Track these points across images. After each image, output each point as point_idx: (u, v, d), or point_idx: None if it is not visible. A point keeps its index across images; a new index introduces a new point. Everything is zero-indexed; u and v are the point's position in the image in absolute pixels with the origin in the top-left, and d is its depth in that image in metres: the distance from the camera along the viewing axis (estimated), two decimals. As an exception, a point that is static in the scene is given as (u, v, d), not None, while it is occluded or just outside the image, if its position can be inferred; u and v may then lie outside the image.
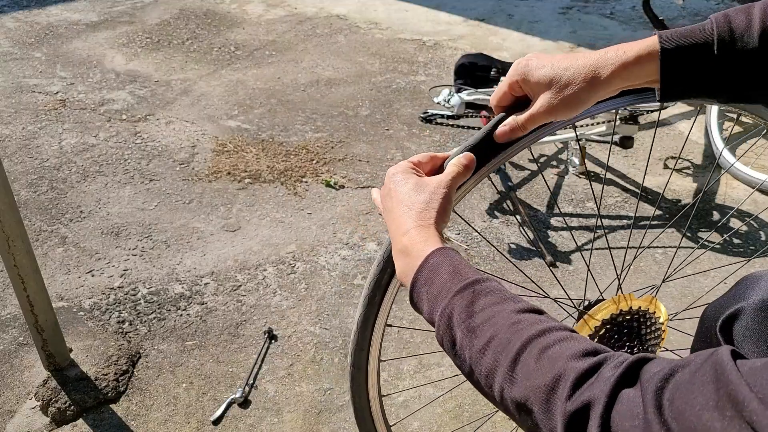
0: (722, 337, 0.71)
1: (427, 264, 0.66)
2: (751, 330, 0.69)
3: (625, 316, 0.91)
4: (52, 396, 1.50)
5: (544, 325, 0.56)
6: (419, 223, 0.69)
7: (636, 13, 3.95)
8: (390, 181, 0.75)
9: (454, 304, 0.61)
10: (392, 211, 0.72)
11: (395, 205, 0.72)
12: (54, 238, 2.03)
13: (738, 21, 0.65)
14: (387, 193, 0.75)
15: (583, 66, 0.69)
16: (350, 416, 1.48)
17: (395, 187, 0.74)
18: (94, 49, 3.34)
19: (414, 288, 0.67)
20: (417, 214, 0.70)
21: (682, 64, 0.66)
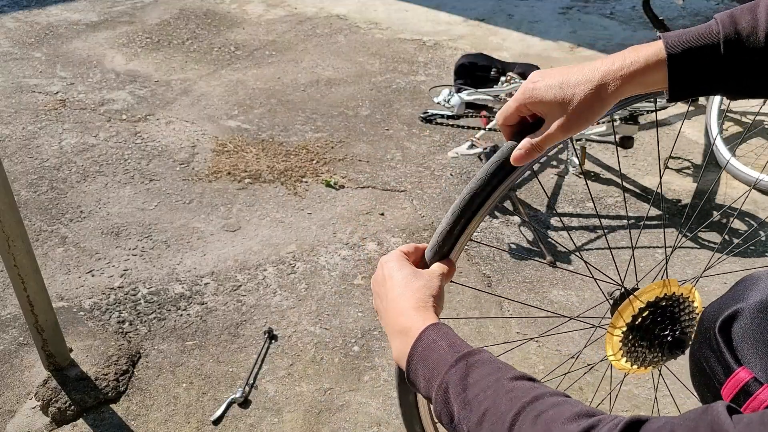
0: (721, 338, 0.71)
1: (421, 340, 0.67)
2: (749, 331, 0.69)
3: (668, 300, 0.93)
4: (52, 396, 1.50)
5: (537, 391, 0.56)
6: (418, 304, 0.71)
7: (636, 13, 3.95)
8: (385, 268, 0.78)
9: (449, 378, 0.62)
10: (387, 295, 0.75)
11: (391, 289, 0.75)
12: (54, 238, 2.03)
13: (744, 21, 0.65)
14: (382, 280, 0.77)
15: (592, 80, 0.68)
16: (350, 416, 1.48)
17: (391, 273, 0.76)
18: (94, 49, 3.34)
19: (410, 365, 0.67)
20: (414, 296, 0.73)
21: (689, 68, 0.66)
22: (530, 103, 0.72)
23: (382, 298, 0.76)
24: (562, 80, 0.70)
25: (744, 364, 0.68)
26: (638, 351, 0.93)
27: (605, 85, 0.68)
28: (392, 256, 0.79)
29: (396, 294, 0.74)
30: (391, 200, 2.23)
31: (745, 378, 0.67)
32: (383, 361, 1.62)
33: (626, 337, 0.92)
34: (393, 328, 0.72)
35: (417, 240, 2.03)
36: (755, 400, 0.65)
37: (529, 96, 0.71)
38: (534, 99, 0.71)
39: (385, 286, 0.76)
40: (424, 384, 0.65)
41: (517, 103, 0.73)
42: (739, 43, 0.65)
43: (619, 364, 0.94)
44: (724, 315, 0.71)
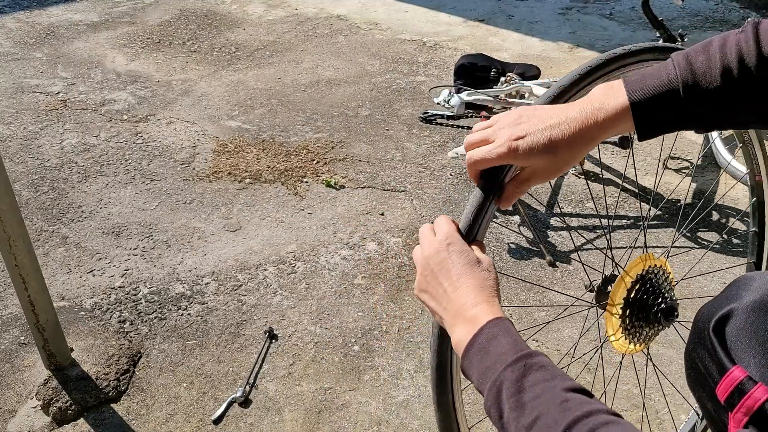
0: (715, 338, 0.71)
1: (483, 332, 0.67)
2: (743, 330, 0.70)
3: (650, 272, 1.00)
4: (53, 395, 1.50)
5: (591, 407, 0.56)
6: (484, 294, 0.71)
7: (635, 13, 3.95)
8: (445, 249, 0.75)
9: (505, 376, 0.62)
10: (450, 277, 0.73)
11: (454, 272, 0.73)
12: (55, 238, 2.04)
13: (699, 62, 0.69)
14: (439, 260, 0.74)
15: (575, 138, 0.72)
16: (350, 415, 1.49)
17: (451, 257, 0.74)
18: (95, 50, 3.34)
19: (467, 354, 0.67)
20: (481, 284, 0.71)
21: (653, 111, 0.71)
22: (515, 161, 0.74)
23: (440, 278, 0.73)
24: (545, 139, 0.72)
25: (738, 364, 0.69)
26: (636, 326, 0.98)
27: (584, 140, 0.72)
28: (454, 235, 0.76)
29: (460, 279, 0.72)
30: (391, 200, 2.23)
31: (739, 377, 0.67)
32: (383, 360, 1.63)
33: (624, 313, 0.97)
34: (454, 314, 0.70)
35: (416, 239, 2.04)
36: (749, 398, 0.66)
37: (514, 157, 0.73)
38: (519, 160, 0.73)
39: (445, 266, 0.74)
40: (478, 376, 0.65)
41: (502, 160, 0.74)
42: (696, 85, 0.69)
43: (618, 343, 0.98)
44: (717, 315, 0.72)
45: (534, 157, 0.73)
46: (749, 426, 0.66)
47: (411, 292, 1.83)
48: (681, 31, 2.64)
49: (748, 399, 0.66)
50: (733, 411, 0.66)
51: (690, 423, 1.42)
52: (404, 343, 1.68)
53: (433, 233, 0.78)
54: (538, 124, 0.73)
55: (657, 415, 1.51)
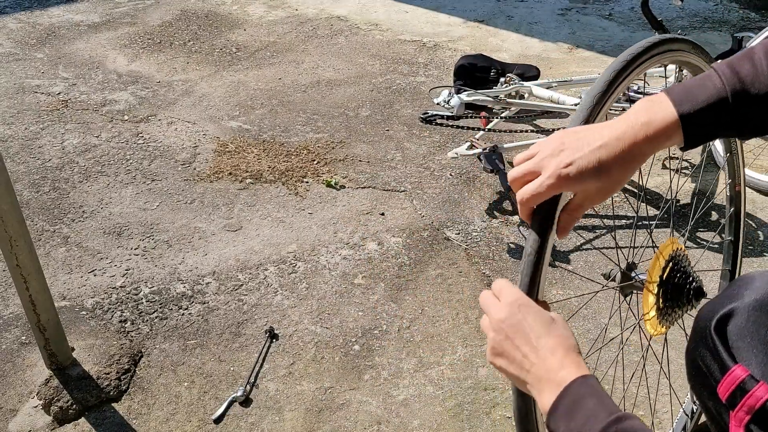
0: (717, 337, 0.72)
1: (568, 393, 0.66)
2: (744, 329, 0.70)
3: (679, 254, 1.03)
4: (54, 395, 1.51)
5: None
6: (569, 356, 0.69)
7: (635, 14, 3.96)
8: (517, 311, 0.73)
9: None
10: (528, 339, 0.71)
11: (532, 332, 0.71)
12: (56, 237, 2.04)
13: (745, 70, 0.70)
14: (515, 321, 0.72)
15: (622, 156, 0.72)
16: (350, 415, 1.49)
17: (527, 319, 0.72)
18: (95, 50, 3.35)
19: (552, 416, 0.66)
20: (562, 342, 0.70)
21: (702, 121, 0.72)
22: (567, 189, 0.74)
23: (517, 343, 0.71)
24: (595, 162, 0.72)
25: (739, 362, 0.69)
26: (669, 306, 1.00)
27: (638, 155, 0.72)
28: (523, 297, 0.75)
29: (540, 340, 0.70)
30: (391, 200, 2.24)
31: (741, 376, 0.67)
32: (383, 360, 1.63)
33: (659, 293, 0.99)
34: (539, 378, 0.69)
35: (416, 239, 2.04)
36: (751, 397, 0.66)
37: (565, 185, 0.73)
38: (571, 187, 0.73)
39: (521, 330, 0.72)
40: (567, 427, 0.64)
41: (553, 191, 0.74)
42: (745, 92, 0.70)
43: (651, 323, 1.00)
44: (719, 314, 0.72)
45: (586, 181, 0.72)
46: (751, 425, 0.66)
47: (411, 292, 1.84)
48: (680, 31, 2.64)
49: (749, 398, 0.66)
50: (735, 410, 0.66)
51: (681, 422, 1.43)
52: (404, 342, 1.69)
53: (497, 298, 0.77)
54: (584, 147, 0.73)
55: (657, 415, 1.52)
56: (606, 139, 0.72)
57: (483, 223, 2.13)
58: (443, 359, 1.63)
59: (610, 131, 0.73)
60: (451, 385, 1.56)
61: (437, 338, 1.69)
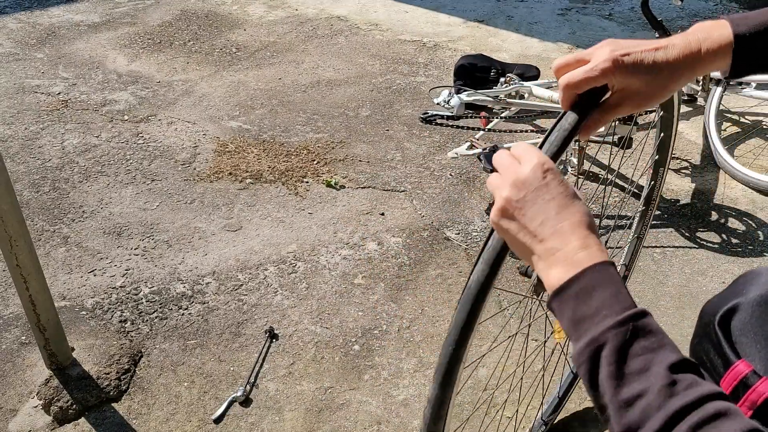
0: (720, 332, 0.72)
1: (583, 277, 0.60)
2: (748, 325, 0.70)
3: None
4: (54, 395, 1.51)
5: (702, 391, 0.52)
6: (592, 237, 0.63)
7: (635, 14, 3.96)
8: (541, 175, 0.65)
9: (608, 337, 0.56)
10: (547, 206, 0.64)
11: (556, 206, 0.64)
12: (56, 237, 2.04)
13: None
14: (537, 188, 0.65)
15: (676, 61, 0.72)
16: (350, 414, 1.49)
17: (551, 186, 0.65)
18: (96, 50, 3.35)
19: (558, 296, 0.61)
20: (583, 220, 0.63)
21: (753, 46, 0.72)
22: (618, 77, 0.71)
23: (536, 208, 0.64)
24: (650, 58, 0.71)
25: (743, 358, 0.69)
26: None
27: (690, 67, 0.72)
28: (549, 160, 0.67)
29: (563, 212, 0.63)
30: (391, 200, 2.24)
31: (744, 371, 0.68)
32: (383, 360, 1.63)
33: None
34: (553, 252, 0.62)
35: (416, 239, 2.04)
36: (754, 392, 0.66)
37: (619, 72, 0.70)
38: (623, 75, 0.70)
39: (543, 195, 0.64)
40: (569, 322, 0.60)
41: (605, 77, 0.70)
42: None
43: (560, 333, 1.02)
44: (723, 309, 0.73)
45: (637, 74, 0.70)
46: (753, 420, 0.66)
47: (411, 292, 1.84)
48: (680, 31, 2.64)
49: (752, 393, 0.66)
50: (737, 404, 0.67)
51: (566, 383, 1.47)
52: (404, 342, 1.69)
53: (516, 160, 0.69)
54: (641, 45, 0.72)
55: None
56: (662, 43, 0.72)
57: (483, 223, 2.13)
58: (443, 359, 1.63)
59: (667, 40, 0.72)
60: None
61: (437, 338, 1.69)
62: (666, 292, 1.84)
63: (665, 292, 1.84)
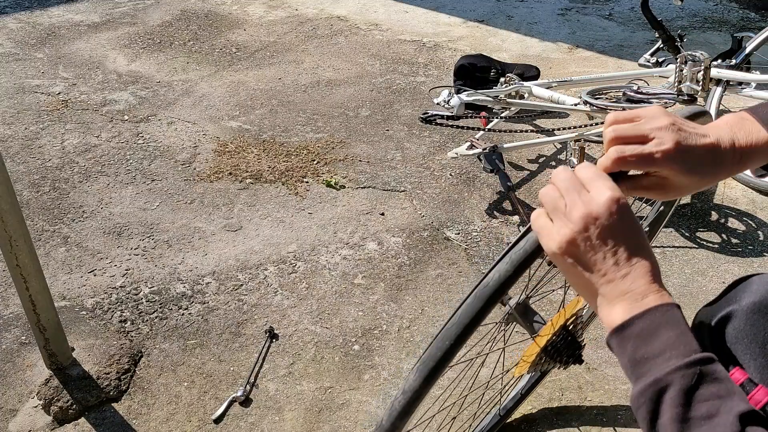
0: (715, 340, 0.72)
1: (646, 316, 0.59)
2: (742, 332, 0.70)
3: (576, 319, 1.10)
4: (54, 395, 1.51)
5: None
6: (655, 273, 0.62)
7: (635, 14, 3.96)
8: (616, 211, 0.62)
9: (672, 380, 0.54)
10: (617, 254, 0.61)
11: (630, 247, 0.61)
12: (56, 237, 2.04)
13: None
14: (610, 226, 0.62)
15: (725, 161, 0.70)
16: (350, 414, 1.49)
17: (624, 225, 0.62)
18: (96, 50, 3.35)
19: (619, 334, 0.60)
20: (651, 260, 0.62)
21: None
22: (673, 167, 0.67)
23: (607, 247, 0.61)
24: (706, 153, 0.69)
25: (738, 365, 0.69)
26: (545, 359, 1.05)
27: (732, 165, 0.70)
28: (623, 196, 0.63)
29: (636, 254, 0.61)
30: (391, 200, 2.24)
31: (739, 379, 0.68)
32: (383, 360, 1.63)
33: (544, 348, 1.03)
34: (619, 293, 0.60)
35: (416, 239, 2.04)
36: (750, 400, 0.66)
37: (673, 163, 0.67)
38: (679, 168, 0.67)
39: (616, 234, 0.61)
40: (629, 363, 0.58)
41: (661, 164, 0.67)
42: None
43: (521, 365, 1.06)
44: (717, 316, 0.72)
45: (692, 174, 0.68)
46: None
47: (411, 292, 1.84)
48: (680, 31, 2.64)
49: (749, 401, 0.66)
50: None
51: None
52: (404, 342, 1.69)
53: (583, 186, 0.65)
54: (702, 139, 0.69)
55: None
56: (713, 139, 0.69)
57: (483, 223, 2.13)
58: (443, 359, 1.63)
59: (715, 135, 0.69)
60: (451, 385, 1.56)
61: (437, 338, 1.69)
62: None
63: (665, 292, 1.84)
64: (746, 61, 2.60)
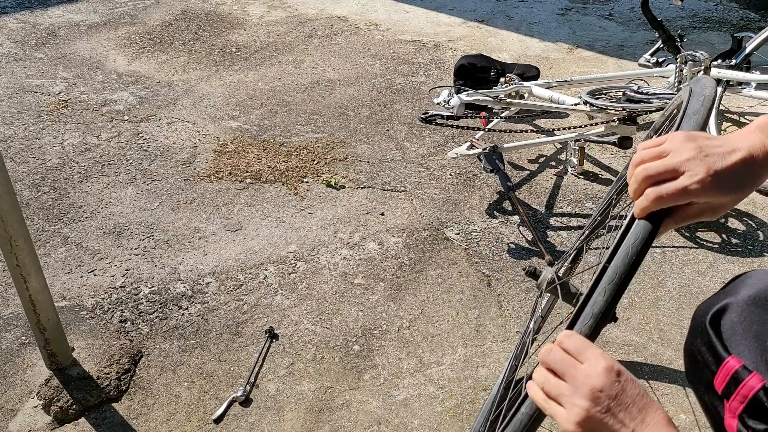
0: (712, 330, 0.74)
1: None
2: (738, 323, 0.72)
3: None
4: (54, 395, 1.51)
5: None
6: (667, 419, 0.65)
7: (635, 14, 3.96)
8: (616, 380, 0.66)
9: None
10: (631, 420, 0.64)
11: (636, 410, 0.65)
12: (56, 237, 2.04)
13: None
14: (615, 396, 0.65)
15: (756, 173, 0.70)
16: (350, 414, 1.49)
17: (626, 390, 0.65)
18: (96, 50, 3.35)
19: None
20: (660, 409, 0.65)
21: None
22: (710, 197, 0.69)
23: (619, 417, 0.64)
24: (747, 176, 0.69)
25: (733, 354, 0.72)
26: None
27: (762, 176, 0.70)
28: (616, 362, 0.68)
29: (647, 415, 0.64)
30: (391, 200, 2.24)
31: (734, 366, 0.70)
32: (383, 360, 1.63)
33: None
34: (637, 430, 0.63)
35: (416, 239, 2.04)
36: (744, 387, 0.68)
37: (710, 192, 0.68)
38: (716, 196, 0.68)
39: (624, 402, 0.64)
40: None
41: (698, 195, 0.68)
42: None
43: None
44: (714, 308, 0.75)
45: (729, 192, 0.69)
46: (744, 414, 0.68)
47: (411, 292, 1.84)
48: (680, 31, 2.64)
49: (743, 388, 0.68)
50: (729, 400, 0.69)
51: None
52: (404, 342, 1.69)
53: (574, 358, 0.68)
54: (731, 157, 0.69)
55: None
56: (745, 154, 0.69)
57: (483, 223, 2.13)
58: (443, 359, 1.63)
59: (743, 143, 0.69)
60: (451, 385, 1.56)
61: (437, 338, 1.69)
62: (666, 292, 1.84)
63: (665, 292, 1.84)
64: (746, 61, 2.60)
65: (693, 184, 0.68)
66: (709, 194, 0.68)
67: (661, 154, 0.71)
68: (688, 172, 0.68)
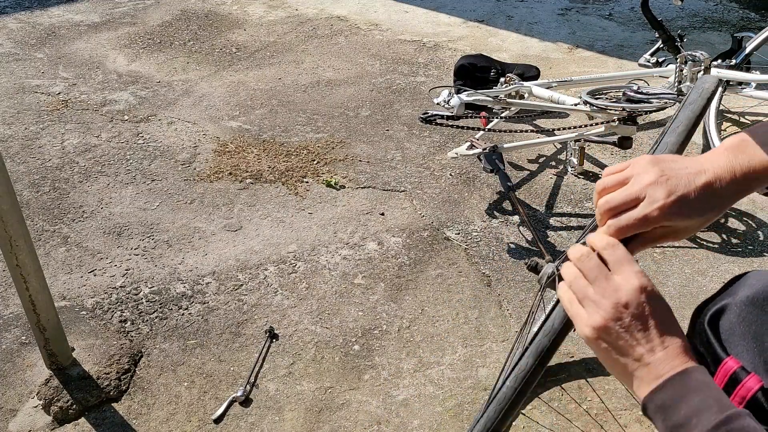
0: (710, 330, 0.74)
1: (686, 374, 0.62)
2: (736, 324, 0.72)
3: None
4: (54, 395, 1.51)
5: None
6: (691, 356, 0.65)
7: (635, 14, 3.96)
8: (644, 297, 0.65)
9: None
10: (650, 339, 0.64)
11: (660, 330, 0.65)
12: (56, 237, 2.04)
13: None
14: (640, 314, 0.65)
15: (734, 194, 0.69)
16: (350, 414, 1.49)
17: (655, 309, 0.65)
18: (96, 50, 3.35)
19: (657, 393, 0.62)
20: (687, 346, 0.65)
21: None
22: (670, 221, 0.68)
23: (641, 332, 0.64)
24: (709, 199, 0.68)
25: (731, 355, 0.72)
26: None
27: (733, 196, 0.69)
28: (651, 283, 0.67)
29: (669, 334, 0.64)
30: (391, 200, 2.24)
31: (733, 367, 0.70)
32: (383, 360, 1.63)
33: None
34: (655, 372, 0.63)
35: (416, 239, 2.04)
36: (743, 387, 0.69)
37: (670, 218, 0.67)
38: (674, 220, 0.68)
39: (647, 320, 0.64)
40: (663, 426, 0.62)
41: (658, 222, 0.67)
42: None
43: None
44: (713, 309, 0.75)
45: (693, 216, 0.68)
46: None
47: (411, 292, 1.84)
48: (680, 31, 2.64)
49: (741, 388, 0.68)
50: None
51: None
52: (404, 342, 1.69)
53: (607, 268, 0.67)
54: (695, 180, 0.68)
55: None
56: (715, 174, 0.68)
57: (483, 223, 2.13)
58: (443, 359, 1.63)
59: (712, 168, 0.68)
60: (451, 385, 1.56)
61: (437, 338, 1.69)
62: (666, 292, 1.84)
63: (665, 292, 1.84)
64: (746, 61, 2.60)
65: (653, 211, 0.67)
66: (670, 219, 0.67)
67: (624, 180, 0.70)
68: (647, 198, 0.67)
